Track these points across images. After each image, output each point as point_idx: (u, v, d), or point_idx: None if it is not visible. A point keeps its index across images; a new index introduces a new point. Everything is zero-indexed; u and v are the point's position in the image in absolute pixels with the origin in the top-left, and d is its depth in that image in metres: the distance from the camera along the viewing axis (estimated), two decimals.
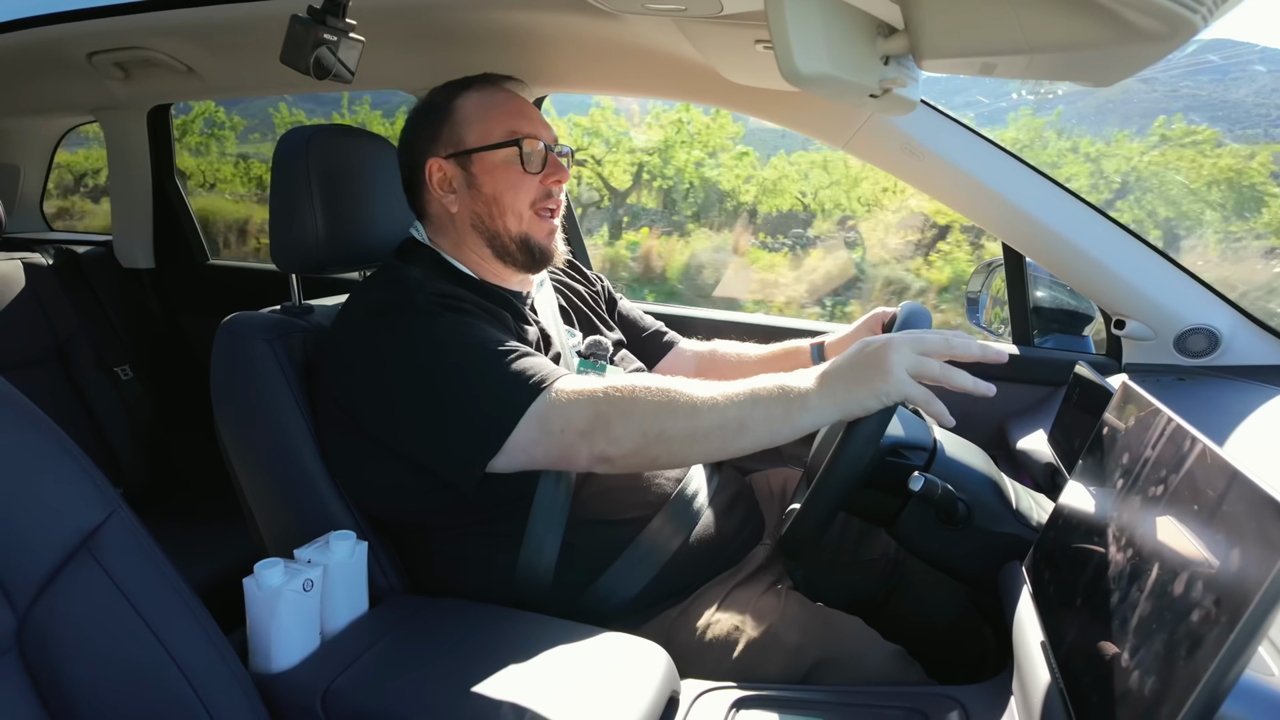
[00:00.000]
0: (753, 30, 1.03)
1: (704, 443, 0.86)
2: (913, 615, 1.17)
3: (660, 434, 0.85)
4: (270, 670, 0.83)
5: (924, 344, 0.82)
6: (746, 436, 0.85)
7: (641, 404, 0.85)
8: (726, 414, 0.84)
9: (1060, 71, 0.83)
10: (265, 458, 1.01)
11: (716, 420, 0.84)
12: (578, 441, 0.87)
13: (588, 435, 0.86)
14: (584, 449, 0.87)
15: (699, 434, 0.85)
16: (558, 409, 0.87)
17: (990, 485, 0.97)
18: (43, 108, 2.11)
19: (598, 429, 0.86)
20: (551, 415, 0.87)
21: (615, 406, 0.86)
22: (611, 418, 0.86)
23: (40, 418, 0.72)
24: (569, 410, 0.87)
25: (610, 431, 0.86)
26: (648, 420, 0.85)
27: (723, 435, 0.85)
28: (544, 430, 0.87)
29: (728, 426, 0.84)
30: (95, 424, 1.82)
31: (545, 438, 0.87)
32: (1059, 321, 1.49)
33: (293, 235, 1.08)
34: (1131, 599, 0.58)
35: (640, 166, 7.79)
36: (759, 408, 0.84)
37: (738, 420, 0.84)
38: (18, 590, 0.66)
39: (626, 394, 0.86)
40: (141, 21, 1.51)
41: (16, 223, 2.30)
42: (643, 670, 0.81)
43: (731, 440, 0.85)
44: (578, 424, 0.86)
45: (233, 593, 0.86)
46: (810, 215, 7.60)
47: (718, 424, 0.84)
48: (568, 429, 0.87)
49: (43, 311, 1.79)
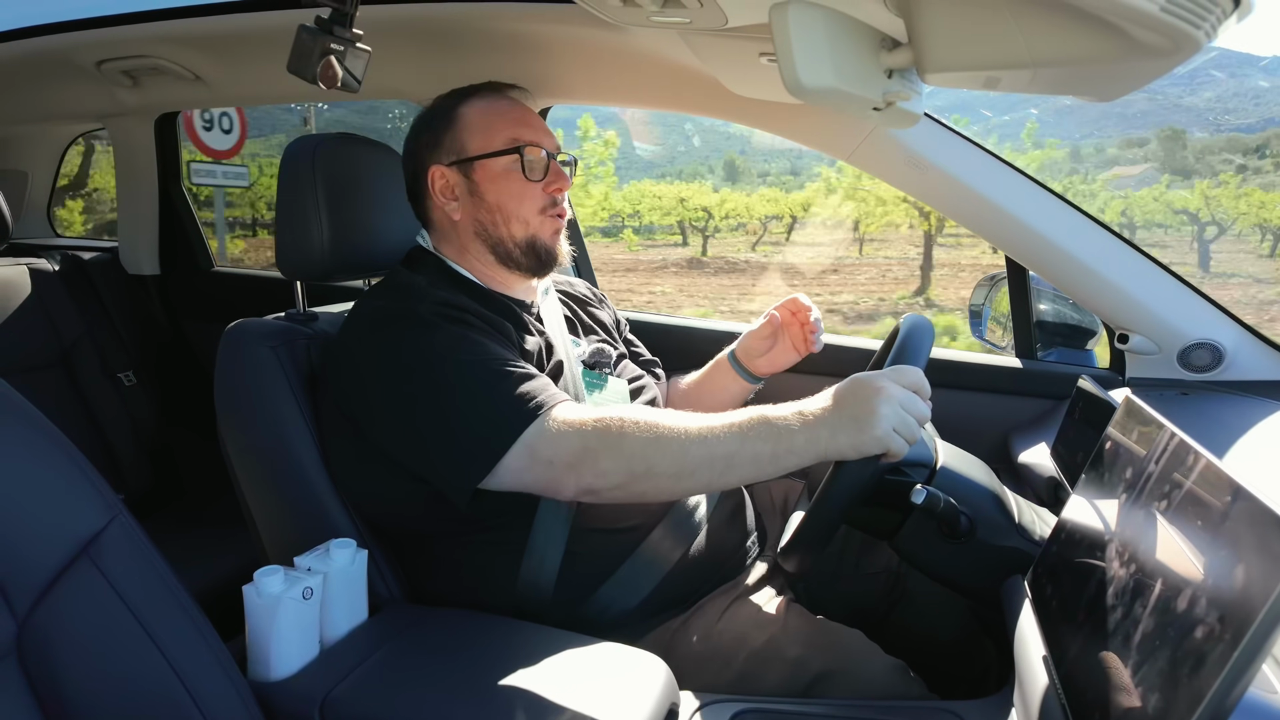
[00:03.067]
0: (757, 43, 1.03)
1: (690, 479, 0.86)
2: (915, 629, 1.16)
3: (648, 470, 0.85)
4: (269, 679, 0.83)
5: (915, 406, 0.83)
6: (733, 474, 0.86)
7: (630, 439, 0.85)
8: (714, 451, 0.84)
9: (1064, 86, 0.84)
10: (267, 464, 1.01)
11: (704, 458, 0.85)
12: (564, 474, 0.87)
13: (574, 468, 0.86)
14: (570, 481, 0.87)
15: (686, 471, 0.85)
16: (547, 439, 0.87)
17: (993, 499, 0.96)
18: (52, 115, 2.13)
19: (585, 462, 0.86)
20: (540, 445, 0.87)
21: (604, 440, 0.86)
22: (600, 452, 0.86)
23: (43, 423, 0.72)
24: (558, 441, 0.87)
25: (598, 465, 0.86)
26: (635, 456, 0.85)
27: (709, 473, 0.85)
28: (532, 459, 0.87)
29: (715, 464, 0.85)
30: (98, 429, 1.82)
31: (533, 466, 0.87)
32: (1062, 335, 1.49)
33: (298, 242, 1.08)
34: (1134, 615, 0.57)
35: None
36: (747, 445, 0.84)
37: (725, 458, 0.84)
38: (18, 596, 0.66)
39: (615, 428, 0.86)
40: (150, 30, 1.52)
41: (24, 228, 2.31)
42: (642, 682, 0.80)
43: (718, 477, 0.86)
44: (565, 456, 0.86)
45: (232, 599, 0.86)
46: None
47: (705, 462, 0.85)
48: (555, 460, 0.87)
49: (48, 317, 1.79)
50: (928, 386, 0.86)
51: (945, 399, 1.41)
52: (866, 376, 0.85)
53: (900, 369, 0.86)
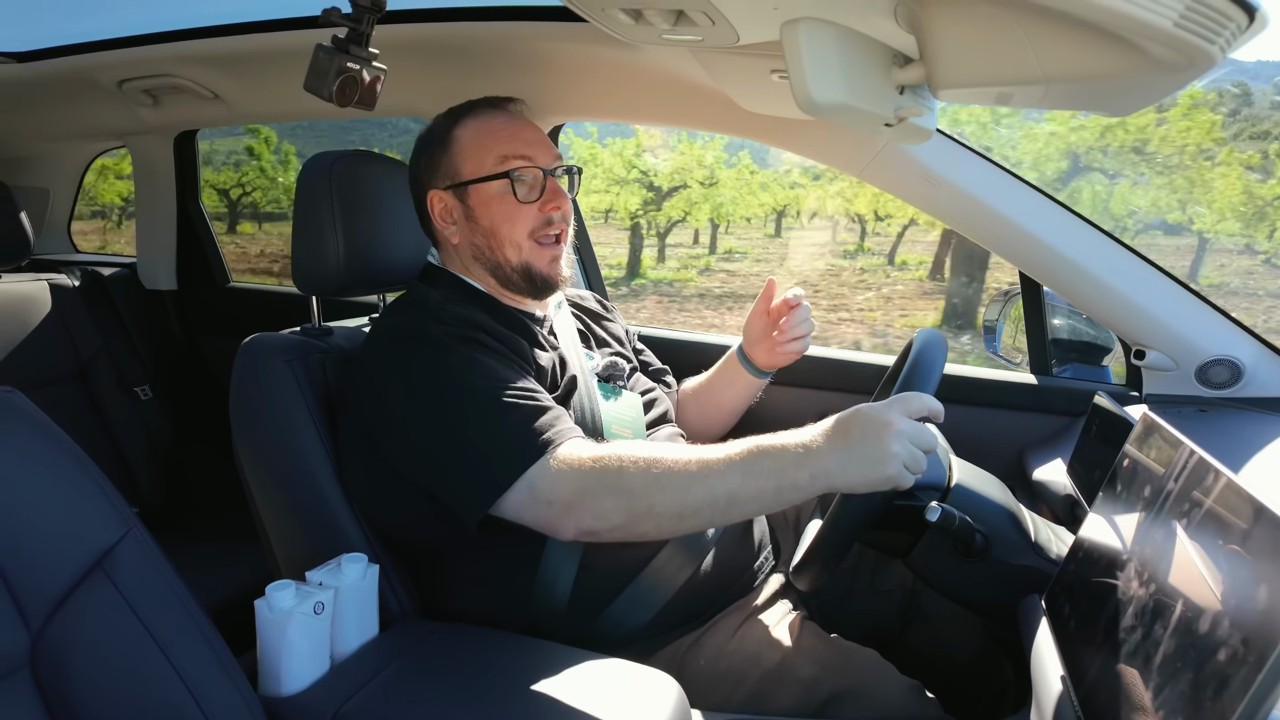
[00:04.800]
0: (768, 60, 1.04)
1: (693, 519, 0.85)
2: (930, 648, 1.15)
3: (649, 510, 0.84)
4: (280, 693, 0.83)
5: (923, 438, 0.81)
6: (736, 511, 0.85)
7: (630, 478, 0.84)
8: (716, 490, 0.83)
9: (1076, 101, 0.83)
10: (281, 478, 1.02)
11: (706, 498, 0.83)
12: (563, 514, 0.86)
13: (573, 509, 0.85)
14: (570, 523, 0.86)
15: (689, 511, 0.84)
16: (548, 478, 0.86)
17: (1008, 516, 0.95)
18: (74, 133, 2.16)
19: (585, 503, 0.85)
20: (541, 484, 0.86)
21: (604, 480, 0.85)
22: (600, 492, 0.85)
23: (61, 436, 0.72)
24: (558, 481, 0.86)
25: (598, 507, 0.85)
26: (636, 496, 0.84)
27: (712, 511, 0.84)
28: (532, 498, 0.87)
29: (717, 503, 0.83)
30: (114, 443, 1.84)
31: (533, 504, 0.87)
32: (1077, 351, 1.48)
33: (315, 258, 1.09)
34: (1155, 636, 0.56)
35: None
36: (750, 481, 0.82)
37: (728, 496, 0.83)
38: (32, 608, 0.66)
39: (615, 468, 0.85)
40: (170, 50, 1.55)
41: (45, 244, 2.35)
42: (653, 700, 0.80)
43: (721, 515, 0.85)
44: (565, 496, 0.85)
45: (244, 614, 0.86)
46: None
47: (707, 501, 0.83)
48: (554, 501, 0.86)
49: (67, 332, 1.82)
50: (939, 409, 0.83)
51: (960, 415, 1.40)
52: (873, 409, 0.82)
53: (907, 397, 0.83)
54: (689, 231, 16.81)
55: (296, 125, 14.48)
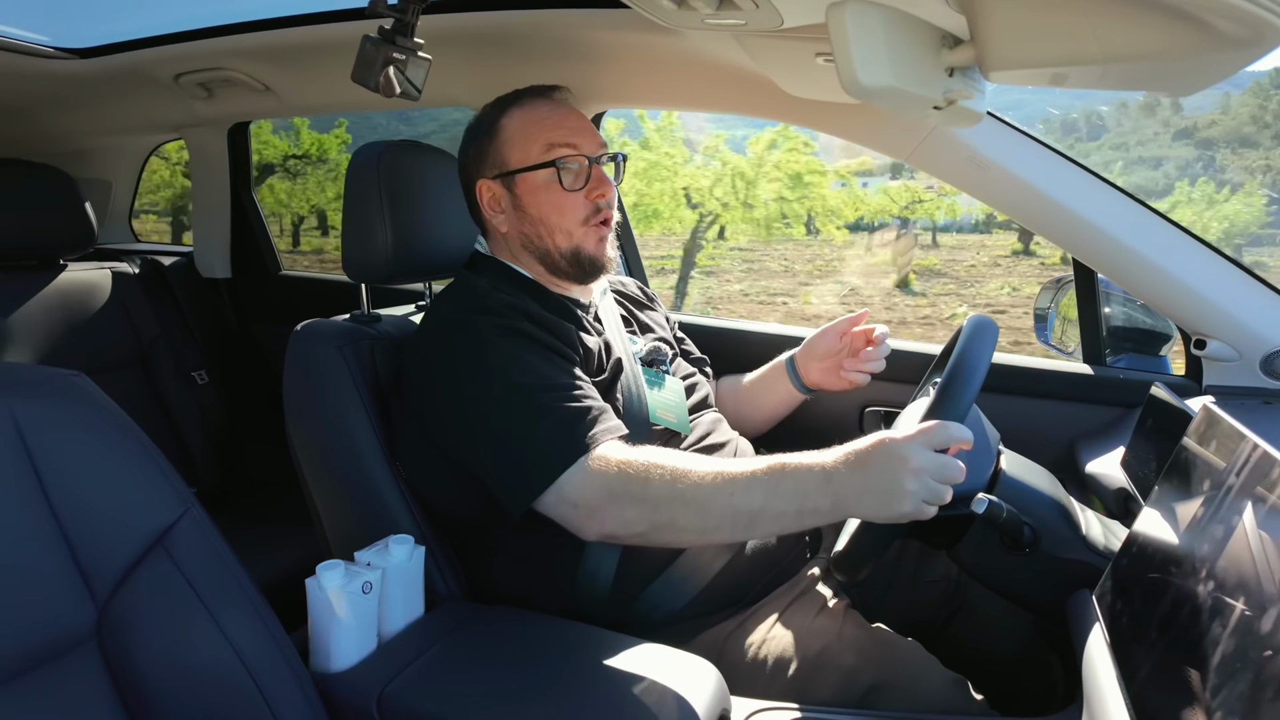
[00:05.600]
0: (813, 44, 1.02)
1: (714, 534, 0.88)
2: (975, 641, 1.13)
3: (671, 523, 0.86)
4: (329, 670, 0.85)
5: (946, 472, 0.79)
6: (756, 530, 0.87)
7: (655, 489, 0.86)
8: (738, 507, 0.84)
9: (1136, 81, 0.80)
10: (332, 460, 1.05)
11: (727, 516, 0.84)
12: (587, 518, 0.89)
13: (596, 513, 0.88)
14: (593, 525, 0.89)
15: (710, 527, 0.86)
16: (574, 482, 0.88)
17: (1058, 509, 0.93)
18: (133, 127, 2.24)
19: (609, 510, 0.87)
20: (567, 487, 0.88)
21: (629, 489, 0.86)
22: (624, 500, 0.87)
23: (125, 419, 0.75)
24: (584, 485, 0.88)
25: (621, 514, 0.87)
26: (659, 508, 0.86)
27: (732, 529, 0.86)
28: (559, 498, 0.89)
29: (738, 521, 0.85)
30: (172, 426, 1.91)
31: (559, 504, 0.89)
32: (1133, 340, 1.43)
33: (364, 247, 1.11)
34: (1213, 635, 0.55)
35: None
36: (771, 502, 0.83)
37: (749, 515, 0.84)
38: (98, 582, 0.69)
39: (640, 478, 0.86)
40: (224, 44, 1.59)
41: (107, 234, 2.44)
42: (693, 687, 0.80)
43: (742, 532, 0.87)
44: (589, 500, 0.88)
45: (294, 593, 0.89)
46: None
47: (729, 518, 0.85)
48: (580, 504, 0.88)
49: (128, 318, 1.89)
50: (968, 437, 0.81)
51: (1009, 406, 1.37)
52: (894, 443, 0.80)
53: (931, 430, 0.80)
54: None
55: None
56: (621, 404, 1.03)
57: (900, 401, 1.37)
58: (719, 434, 1.14)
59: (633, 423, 1.01)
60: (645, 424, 1.04)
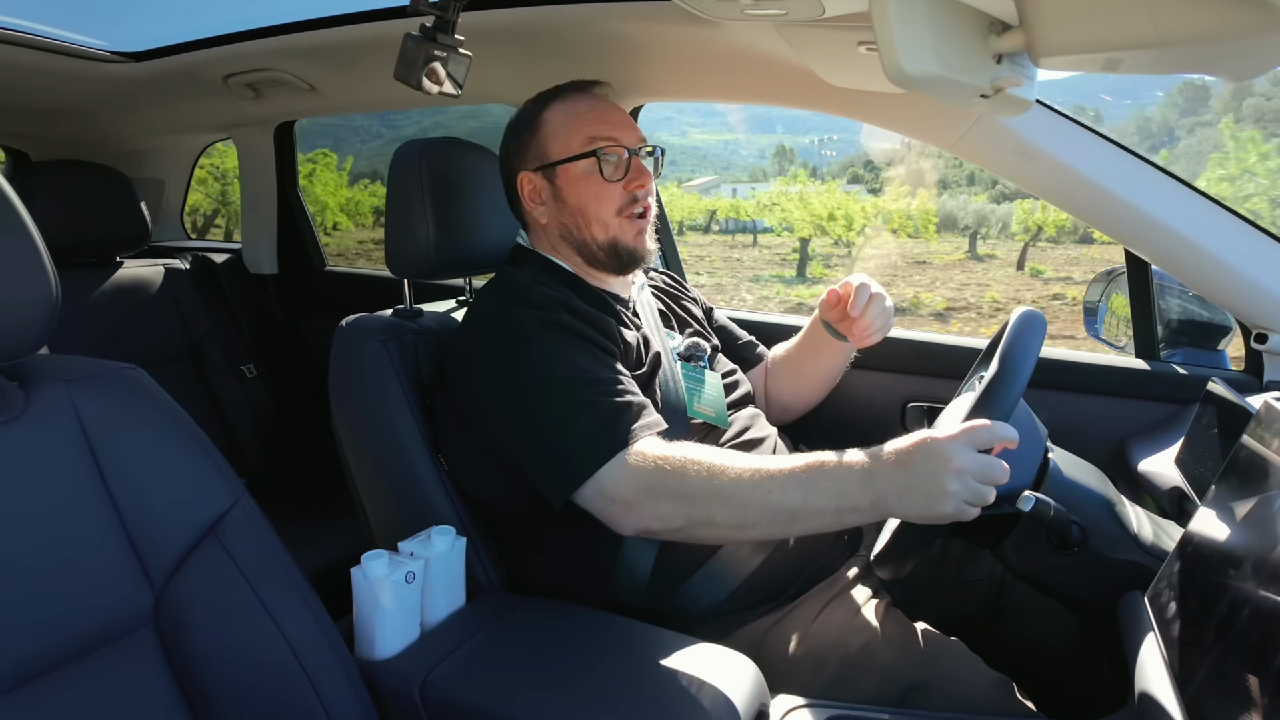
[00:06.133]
0: (855, 32, 1.00)
1: (751, 530, 0.87)
2: (1020, 642, 1.11)
3: (708, 519, 0.86)
4: (374, 657, 0.87)
5: (990, 473, 0.78)
6: (795, 527, 0.86)
7: (692, 484, 0.86)
8: (776, 505, 0.84)
9: (1194, 64, 0.77)
10: (376, 451, 1.07)
11: (765, 513, 0.84)
12: (624, 512, 0.89)
13: (633, 508, 0.88)
14: (630, 520, 0.89)
15: (748, 523, 0.86)
16: (611, 477, 0.89)
17: (1108, 507, 0.90)
18: (185, 127, 2.30)
19: (646, 505, 0.88)
20: (605, 481, 0.89)
21: (666, 485, 0.87)
22: (661, 496, 0.87)
23: (178, 411, 0.78)
24: (621, 480, 0.89)
25: (658, 510, 0.87)
26: (696, 505, 0.86)
27: (770, 526, 0.86)
28: (597, 492, 0.90)
29: (776, 519, 0.84)
30: (223, 418, 1.97)
31: (597, 498, 0.90)
32: (1189, 334, 1.38)
33: (407, 243, 1.13)
34: (1274, 640, 0.53)
35: None
36: (811, 499, 0.83)
37: (787, 513, 0.84)
38: (155, 569, 0.72)
39: (677, 474, 0.86)
40: (271, 44, 1.63)
41: (159, 231, 2.51)
42: (732, 683, 0.80)
43: (780, 530, 0.87)
44: (625, 495, 0.88)
45: (339, 581, 0.91)
46: None
47: (767, 515, 0.84)
48: (617, 499, 0.89)
49: (180, 314, 1.95)
50: (1013, 436, 0.80)
51: (1058, 401, 1.34)
52: (937, 443, 0.79)
53: (976, 430, 0.79)
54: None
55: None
56: (659, 398, 1.03)
57: (943, 397, 1.34)
58: (758, 429, 1.14)
59: (671, 417, 1.02)
60: (683, 418, 1.04)
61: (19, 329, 0.64)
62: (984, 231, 18.43)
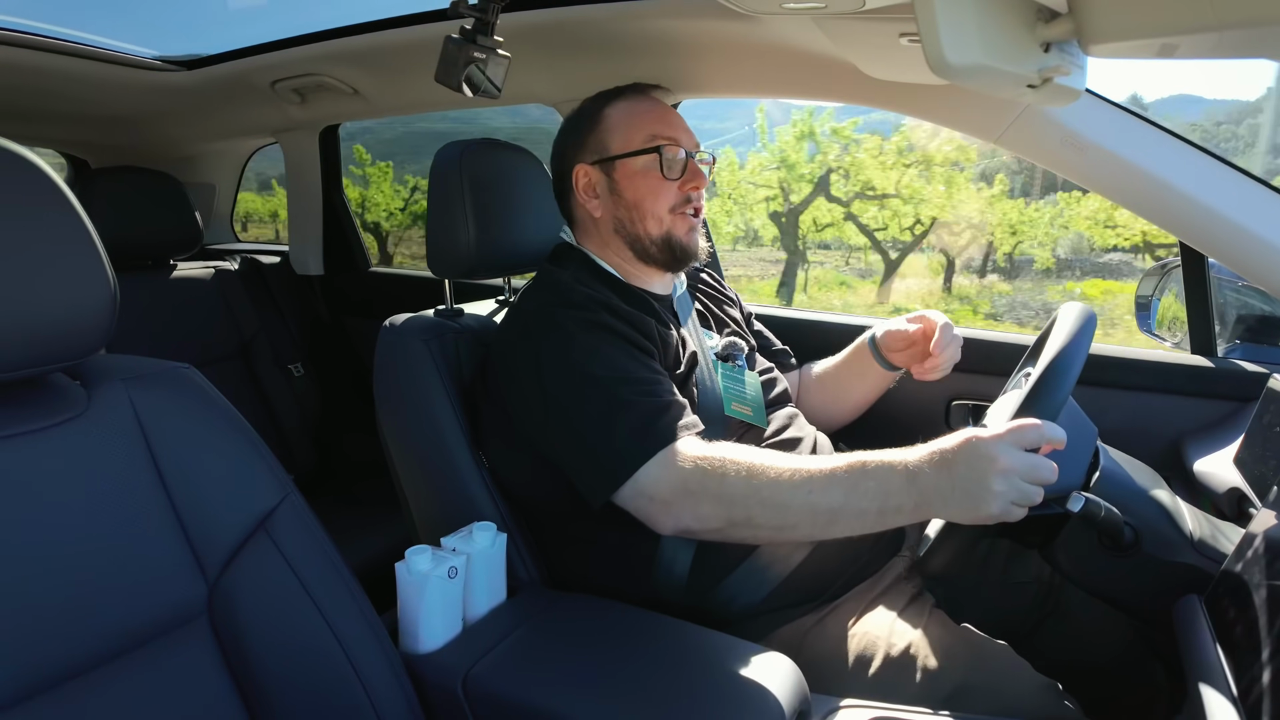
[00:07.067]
0: (897, 24, 0.99)
1: (792, 532, 0.87)
2: (1069, 646, 1.08)
3: (748, 519, 0.86)
4: (418, 651, 0.89)
5: (1037, 473, 0.76)
6: (836, 528, 0.84)
7: (731, 485, 0.85)
8: (817, 506, 0.83)
9: (1254, 48, 0.74)
10: (419, 448, 1.08)
11: (806, 514, 0.83)
12: (663, 512, 0.89)
13: (672, 508, 0.88)
14: (668, 520, 0.89)
15: (788, 524, 0.85)
16: (650, 476, 0.89)
17: (1162, 509, 0.88)
18: (234, 132, 2.37)
19: (685, 505, 0.88)
20: (645, 481, 0.89)
21: (705, 485, 0.87)
22: (700, 496, 0.87)
23: (230, 409, 0.80)
24: (660, 480, 0.89)
25: (697, 509, 0.87)
26: (735, 505, 0.86)
27: (811, 527, 0.85)
28: (636, 491, 0.90)
29: (817, 520, 0.83)
30: (271, 415, 2.02)
31: (636, 498, 0.90)
32: (1248, 329, 1.33)
33: (448, 243, 1.15)
34: None
35: None
36: (852, 500, 0.82)
37: (828, 513, 0.83)
38: (209, 562, 0.74)
39: (717, 474, 0.86)
40: (316, 50, 1.67)
41: (210, 234, 2.59)
42: (773, 682, 0.80)
43: (821, 531, 0.85)
44: (664, 494, 0.88)
45: (384, 576, 0.92)
46: None
47: (807, 516, 0.83)
48: (655, 497, 0.89)
49: (231, 314, 2.01)
50: (1061, 437, 0.77)
51: (1110, 399, 1.30)
52: (982, 443, 0.77)
53: (1023, 429, 0.77)
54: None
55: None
56: (697, 397, 1.03)
57: (989, 394, 1.31)
58: (796, 428, 1.13)
59: (708, 417, 1.01)
60: (721, 418, 1.04)
61: (81, 331, 0.67)
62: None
